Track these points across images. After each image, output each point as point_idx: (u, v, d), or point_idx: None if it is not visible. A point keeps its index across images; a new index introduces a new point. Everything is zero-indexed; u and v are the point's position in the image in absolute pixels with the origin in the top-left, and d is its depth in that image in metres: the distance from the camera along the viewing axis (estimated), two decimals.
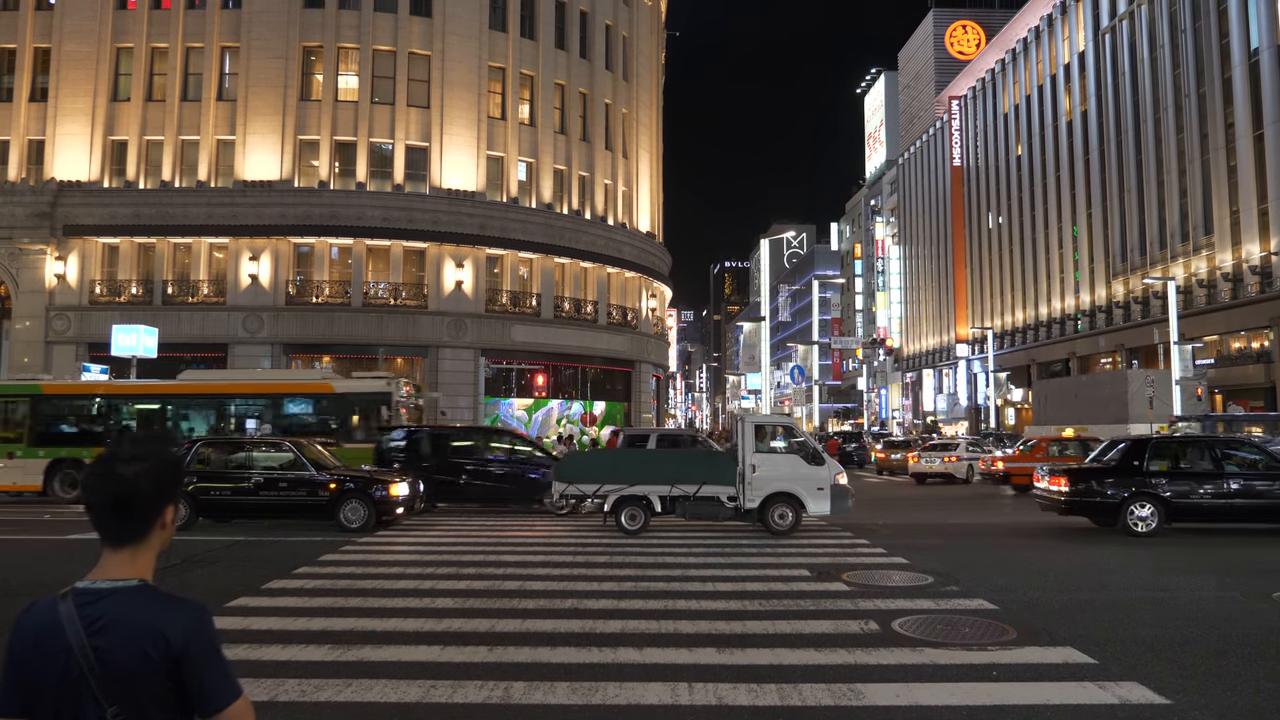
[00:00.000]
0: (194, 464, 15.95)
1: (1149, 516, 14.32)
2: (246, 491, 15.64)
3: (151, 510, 1.95)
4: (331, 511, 15.34)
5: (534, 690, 6.08)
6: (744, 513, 15.12)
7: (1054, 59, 59.41)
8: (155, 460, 1.96)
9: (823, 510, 15.10)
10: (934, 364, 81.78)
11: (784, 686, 6.14)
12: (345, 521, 15.26)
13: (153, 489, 1.94)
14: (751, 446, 15.24)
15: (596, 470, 15.56)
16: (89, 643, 1.83)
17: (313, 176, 34.64)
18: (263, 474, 15.83)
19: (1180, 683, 6.23)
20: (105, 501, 1.92)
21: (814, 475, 15.13)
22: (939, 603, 9.01)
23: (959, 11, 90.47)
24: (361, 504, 15.37)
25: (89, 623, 1.84)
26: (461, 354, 34.46)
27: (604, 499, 15.26)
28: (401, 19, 35.22)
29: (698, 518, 15.38)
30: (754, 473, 15.10)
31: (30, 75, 35.21)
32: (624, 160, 41.87)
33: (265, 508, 15.76)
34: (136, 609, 1.87)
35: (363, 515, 15.30)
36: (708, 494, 15.08)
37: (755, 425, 15.53)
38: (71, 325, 33.55)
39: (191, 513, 15.55)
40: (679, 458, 16.99)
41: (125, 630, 1.84)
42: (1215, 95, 41.44)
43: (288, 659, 6.88)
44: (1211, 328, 41.69)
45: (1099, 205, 52.82)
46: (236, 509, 15.88)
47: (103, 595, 1.88)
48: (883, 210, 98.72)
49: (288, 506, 15.68)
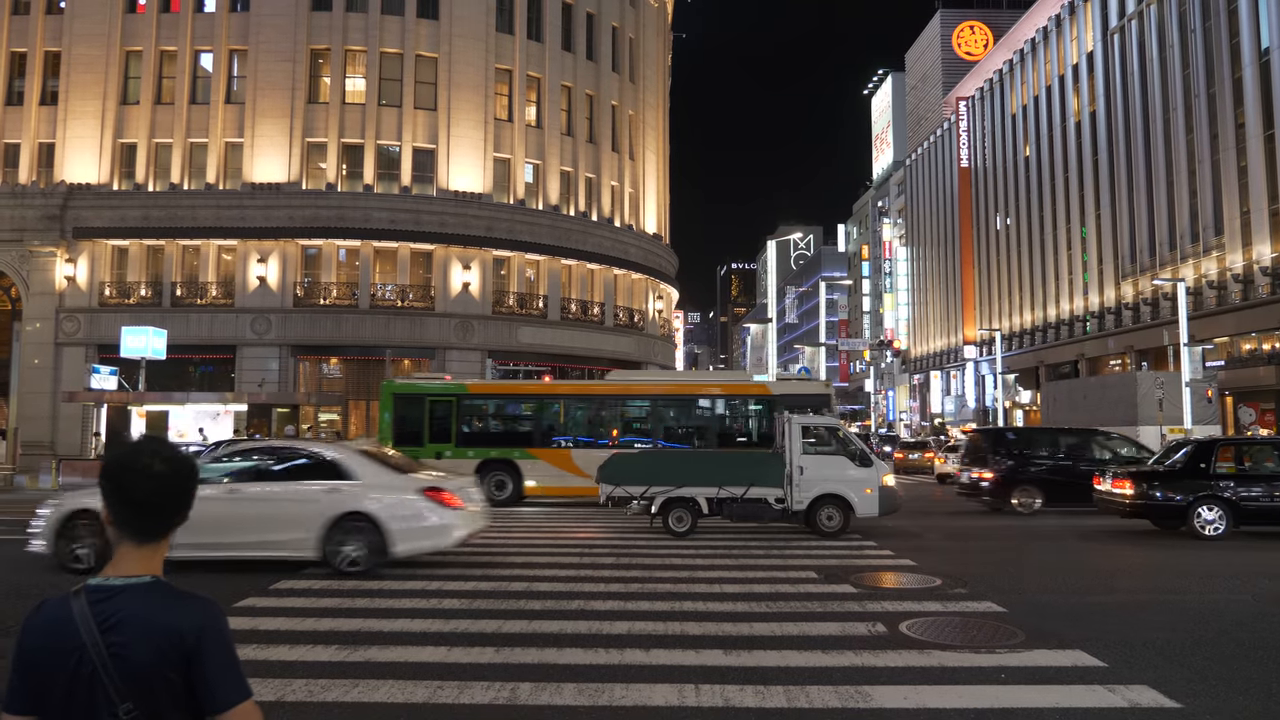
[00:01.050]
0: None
1: (1216, 520, 14.25)
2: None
3: (182, 509, 1.99)
4: None
5: (541, 691, 6.07)
6: (791, 514, 15.04)
7: (1062, 59, 59.25)
8: (185, 462, 2.01)
9: (871, 512, 15.01)
10: (942, 366, 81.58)
11: (791, 688, 6.12)
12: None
13: (187, 489, 1.99)
14: (799, 448, 15.15)
15: (644, 471, 15.46)
16: (102, 639, 1.82)
17: (320, 179, 34.73)
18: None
19: (1190, 686, 6.19)
20: (143, 498, 1.93)
21: (862, 477, 15.07)
22: (947, 605, 8.98)
23: (966, 12, 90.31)
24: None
25: (102, 619, 1.84)
26: (469, 356, 34.49)
27: (650, 500, 15.12)
28: (409, 21, 35.30)
29: (744, 519, 15.26)
30: (801, 474, 15.02)
31: (41, 79, 35.39)
32: (630, 162, 41.88)
33: None
34: (150, 605, 1.87)
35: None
36: (755, 495, 14.98)
37: (802, 426, 15.43)
38: (81, 327, 33.68)
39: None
40: (727, 459, 16.89)
41: (139, 626, 1.84)
42: (1225, 95, 41.25)
43: (295, 659, 6.89)
44: (1222, 329, 41.49)
45: (1108, 206, 52.64)
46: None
47: (116, 592, 1.88)
48: (890, 211, 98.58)
49: None
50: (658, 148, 45.18)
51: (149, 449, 1.99)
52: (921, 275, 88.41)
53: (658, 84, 45.64)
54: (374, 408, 33.98)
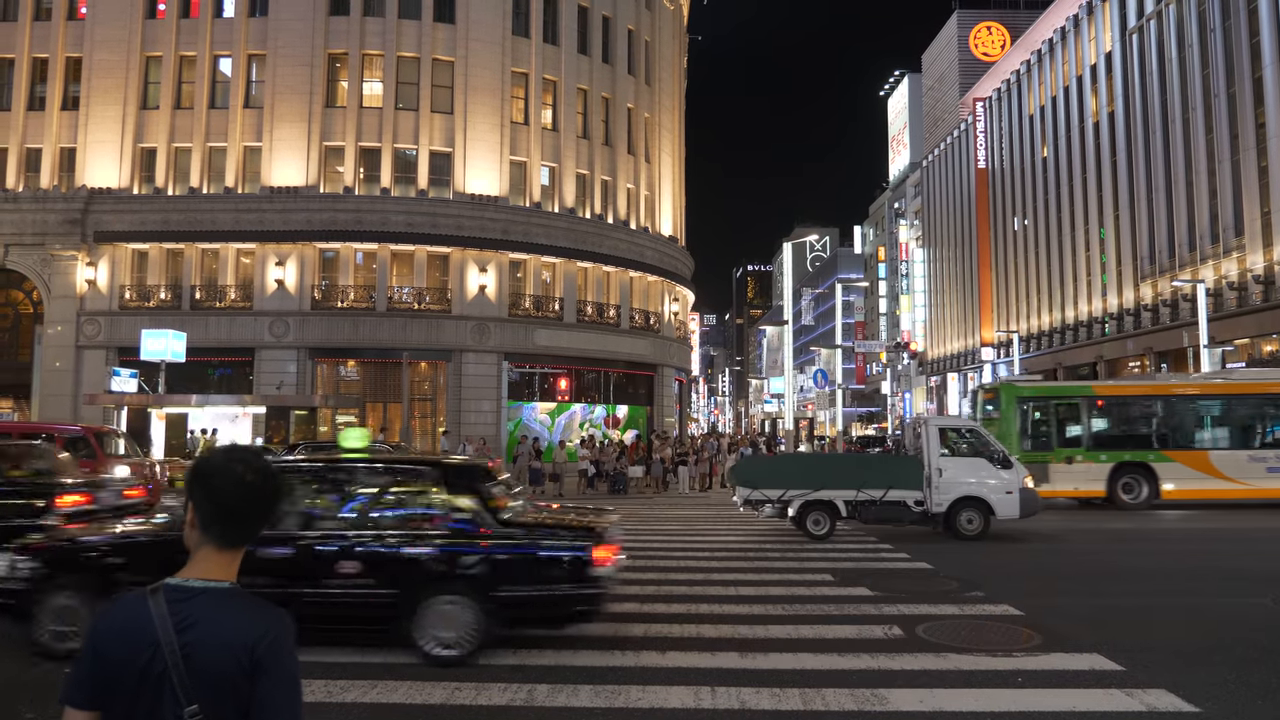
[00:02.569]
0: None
1: None
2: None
3: (267, 519, 2.02)
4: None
5: (557, 693, 6.11)
6: (930, 517, 14.95)
7: (1080, 60, 58.90)
8: (274, 474, 2.03)
9: (1012, 514, 14.84)
10: (959, 368, 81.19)
11: (807, 691, 6.13)
12: None
13: (275, 501, 2.03)
14: (937, 450, 15.05)
15: (781, 474, 15.42)
16: (177, 640, 1.83)
17: (338, 182, 34.94)
18: None
19: (1209, 691, 6.16)
20: (233, 505, 1.96)
21: (1002, 479, 14.91)
22: (963, 608, 8.96)
23: (983, 13, 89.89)
24: None
25: (179, 620, 1.85)
26: (485, 358, 34.60)
27: (786, 504, 15.06)
28: (425, 26, 35.47)
29: (881, 522, 15.20)
30: (940, 476, 14.92)
31: (62, 84, 35.77)
32: (646, 164, 41.92)
33: None
34: (228, 611, 1.88)
35: None
36: (894, 498, 14.87)
37: (939, 428, 15.31)
38: (102, 330, 34.00)
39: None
40: (865, 461, 16.81)
41: (214, 630, 1.85)
42: (1246, 95, 40.91)
43: (313, 660, 6.94)
44: (1242, 331, 41.11)
45: (1126, 207, 52.28)
46: None
47: (195, 594, 1.89)
48: (907, 213, 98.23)
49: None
50: (673, 150, 45.20)
51: (241, 456, 2.01)
52: (938, 277, 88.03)
53: (673, 86, 45.67)
54: (391, 410, 34.20)
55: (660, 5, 43.43)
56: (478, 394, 34.29)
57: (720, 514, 20.03)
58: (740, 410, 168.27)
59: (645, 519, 18.73)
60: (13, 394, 35.77)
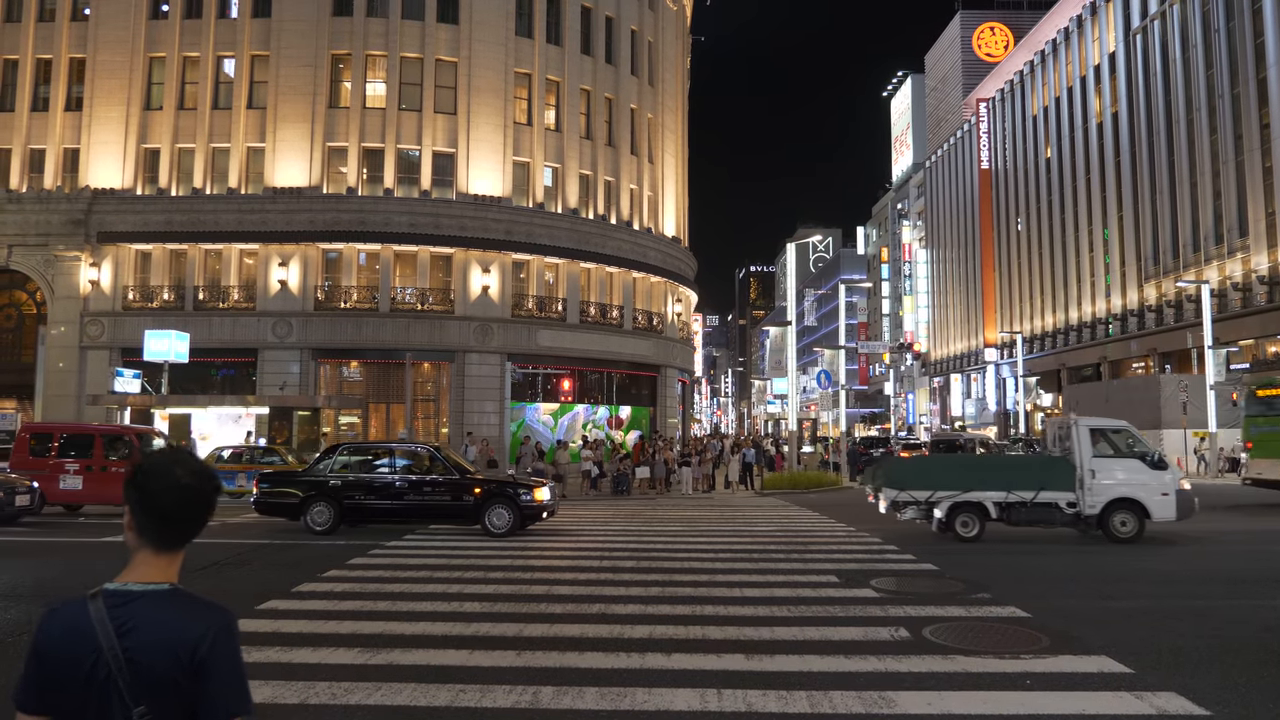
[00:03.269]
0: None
1: None
2: None
3: (203, 522, 2.03)
4: None
5: (563, 695, 6.08)
6: (1083, 520, 14.72)
7: (1084, 60, 58.82)
8: (211, 477, 2.05)
9: (1168, 516, 14.58)
10: (962, 369, 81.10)
11: (814, 694, 6.09)
12: None
13: (210, 502, 2.04)
14: (1089, 451, 14.81)
15: (930, 476, 15.28)
16: (119, 644, 1.84)
17: (341, 183, 34.94)
18: None
19: (1219, 694, 6.11)
20: (172, 509, 1.97)
21: (1158, 480, 14.64)
22: (970, 610, 8.91)
23: (987, 13, 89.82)
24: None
25: (119, 624, 1.86)
26: (488, 359, 34.58)
27: (933, 505, 14.90)
28: (429, 26, 35.46)
29: (1031, 524, 14.96)
30: (1093, 478, 14.69)
31: (66, 85, 35.80)
32: (649, 165, 41.89)
33: None
34: (168, 612, 1.90)
35: None
36: (1045, 500, 14.70)
37: (1090, 429, 15.05)
38: (105, 331, 34.01)
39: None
40: (1016, 463, 16.59)
41: (155, 633, 1.86)
42: (1250, 95, 40.85)
43: (318, 661, 6.93)
44: (1246, 331, 41.03)
45: (1130, 207, 52.19)
46: None
47: (134, 597, 1.90)
48: (910, 214, 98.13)
49: None
50: (676, 150, 45.17)
51: (176, 459, 2.02)
52: (941, 278, 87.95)
53: (676, 87, 45.65)
54: (394, 411, 34.19)
55: (663, 6, 43.40)
56: (481, 395, 34.28)
57: (723, 515, 19.99)
58: (743, 411, 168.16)
59: (649, 520, 18.70)
60: (16, 395, 35.79)
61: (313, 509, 15.53)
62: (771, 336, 43.30)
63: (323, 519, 15.48)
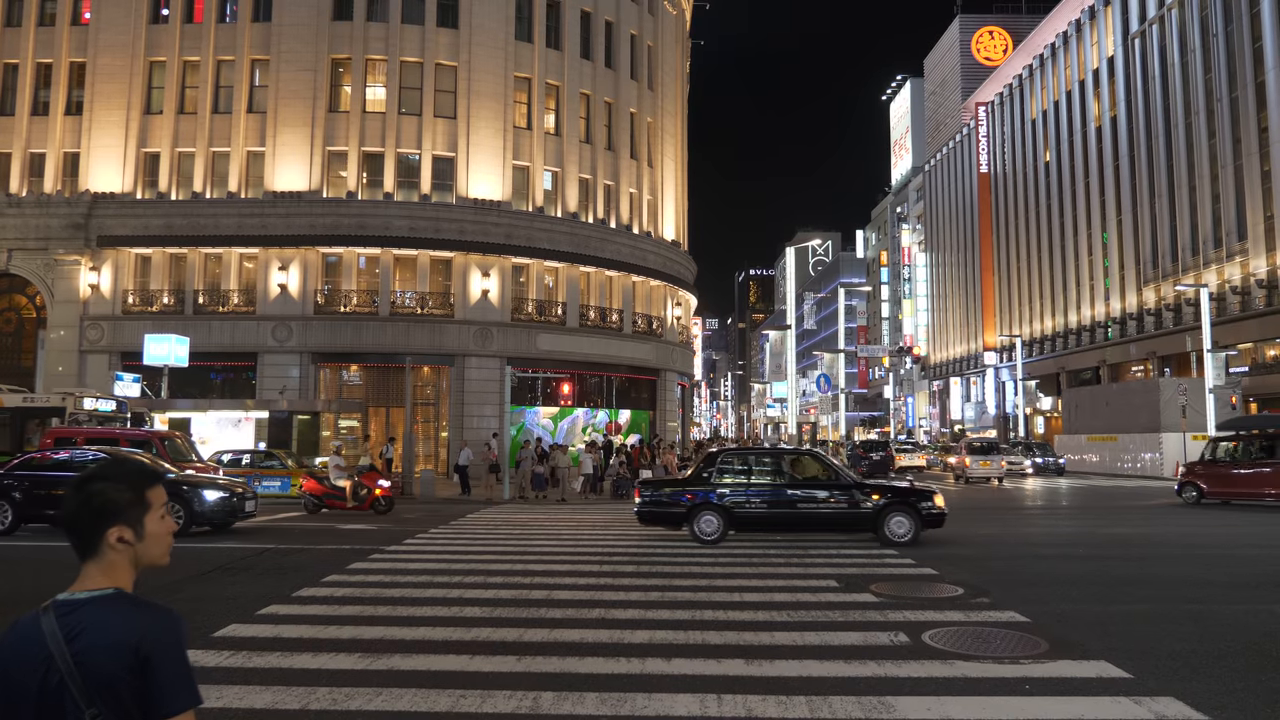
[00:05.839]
0: None
1: None
2: None
3: (92, 532, 2.04)
4: None
5: (563, 701, 6.08)
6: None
7: (1082, 64, 58.92)
8: (102, 488, 2.05)
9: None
10: (961, 372, 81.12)
11: (813, 699, 6.10)
12: None
13: (91, 515, 2.04)
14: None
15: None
16: (68, 649, 1.91)
17: (341, 187, 34.98)
18: None
19: (1218, 699, 6.12)
20: (66, 521, 2.07)
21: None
22: (969, 614, 8.92)
23: (985, 17, 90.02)
24: None
25: (67, 631, 1.93)
26: (488, 363, 34.61)
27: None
28: (429, 31, 35.53)
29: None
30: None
31: (66, 89, 35.85)
32: (649, 169, 41.95)
33: None
34: (111, 615, 1.96)
35: None
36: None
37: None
38: (105, 335, 34.03)
39: None
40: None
41: (100, 634, 1.93)
42: (1248, 99, 40.91)
43: (318, 667, 6.93)
44: (1246, 335, 41.08)
45: (1129, 211, 52.25)
46: None
47: (80, 604, 1.97)
48: (909, 217, 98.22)
49: None
50: (676, 154, 45.24)
51: (90, 474, 2.09)
52: (941, 281, 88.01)
53: (676, 91, 45.72)
54: (394, 414, 34.20)
55: (663, 10, 43.48)
56: (480, 399, 34.29)
57: None
58: (743, 414, 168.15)
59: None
60: None
61: (700, 518, 15.03)
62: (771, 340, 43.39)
63: (710, 528, 15.00)
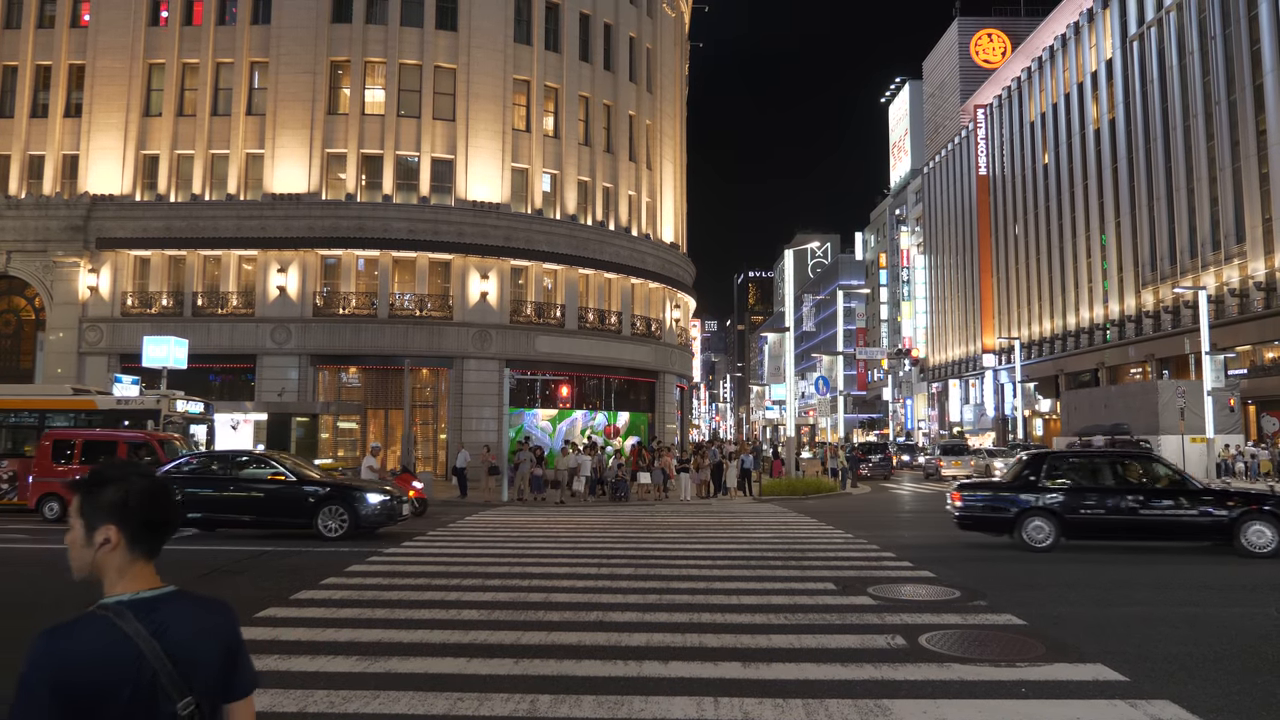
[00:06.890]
0: None
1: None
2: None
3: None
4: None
5: (560, 704, 6.09)
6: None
7: (1081, 66, 58.98)
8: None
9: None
10: (960, 374, 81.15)
11: (810, 702, 6.11)
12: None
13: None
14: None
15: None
16: (159, 646, 1.97)
17: (340, 189, 35.00)
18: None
19: (1214, 702, 6.14)
20: (163, 518, 2.12)
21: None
22: (966, 617, 8.93)
23: (984, 20, 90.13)
24: None
25: (154, 628, 1.98)
26: (486, 365, 34.61)
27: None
28: (428, 33, 35.56)
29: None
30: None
31: (65, 91, 35.87)
32: (648, 171, 41.97)
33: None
34: (191, 609, 2.08)
35: None
36: None
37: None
38: (104, 336, 34.03)
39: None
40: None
41: (184, 628, 2.02)
42: (1247, 102, 40.97)
43: (316, 670, 6.94)
44: (1244, 337, 41.12)
45: (1128, 213, 52.30)
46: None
47: (155, 603, 2.04)
48: (908, 219, 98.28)
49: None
50: (675, 157, 45.27)
51: (155, 474, 2.17)
52: (939, 283, 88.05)
53: (675, 93, 45.75)
54: (393, 417, 34.20)
55: (662, 12, 43.52)
56: (479, 401, 34.30)
57: (722, 521, 20.00)
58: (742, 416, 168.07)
59: (647, 526, 18.71)
60: None
61: (1029, 524, 14.43)
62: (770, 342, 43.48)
63: (1041, 535, 14.35)
